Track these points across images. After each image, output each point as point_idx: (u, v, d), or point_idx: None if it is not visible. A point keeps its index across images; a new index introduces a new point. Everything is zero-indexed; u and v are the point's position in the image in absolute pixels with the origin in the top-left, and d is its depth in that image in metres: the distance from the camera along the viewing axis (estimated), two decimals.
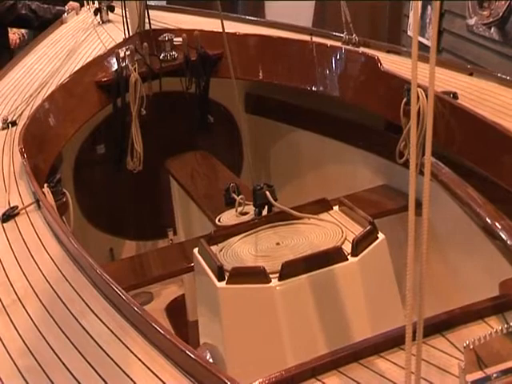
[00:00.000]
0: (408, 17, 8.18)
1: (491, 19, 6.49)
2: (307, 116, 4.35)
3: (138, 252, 4.28)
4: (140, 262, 3.63)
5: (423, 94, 2.93)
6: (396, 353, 1.87)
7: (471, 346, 1.74)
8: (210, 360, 2.53)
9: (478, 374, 1.73)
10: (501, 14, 6.33)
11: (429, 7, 7.41)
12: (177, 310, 3.16)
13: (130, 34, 4.41)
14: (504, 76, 3.76)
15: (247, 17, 5.50)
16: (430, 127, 1.43)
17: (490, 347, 1.78)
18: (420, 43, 1.45)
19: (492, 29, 6.50)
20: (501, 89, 3.61)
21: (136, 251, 4.28)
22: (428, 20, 7.10)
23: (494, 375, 1.73)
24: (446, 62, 4.53)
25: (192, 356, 1.87)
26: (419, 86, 1.44)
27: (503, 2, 6.29)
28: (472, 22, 6.82)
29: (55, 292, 2.32)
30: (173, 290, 3.19)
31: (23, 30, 6.97)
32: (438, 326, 1.95)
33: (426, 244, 1.39)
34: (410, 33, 7.75)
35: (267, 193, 3.08)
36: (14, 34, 6.90)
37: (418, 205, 1.38)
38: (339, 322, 2.63)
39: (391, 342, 1.88)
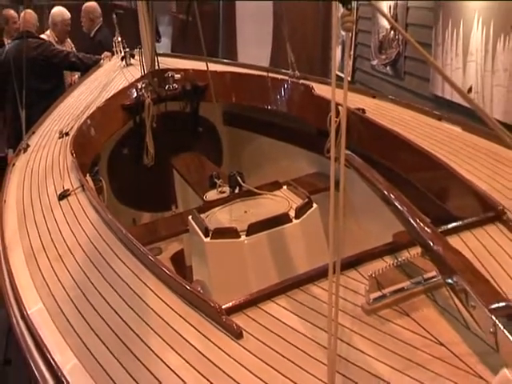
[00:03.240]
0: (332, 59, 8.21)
1: (387, 61, 6.55)
2: (266, 126, 4.34)
3: (152, 220, 4.25)
4: (153, 226, 3.61)
5: (341, 110, 2.93)
6: (324, 282, 1.87)
7: (373, 275, 1.77)
8: (201, 291, 2.53)
9: (378, 294, 1.76)
10: (393, 58, 6.40)
11: (345, 54, 7.46)
12: (178, 259, 3.14)
13: (145, 73, 4.36)
14: (396, 98, 3.79)
15: (225, 60, 5.48)
16: (343, 132, 1.44)
17: (386, 275, 1.80)
18: (339, 77, 1.47)
19: (388, 67, 6.53)
20: (394, 106, 3.62)
21: (150, 220, 4.24)
22: (345, 62, 7.11)
23: (388, 294, 1.77)
24: (357, 89, 4.57)
25: (188, 288, 1.88)
26: (339, 104, 1.44)
27: (394, 50, 6.35)
28: (375, 62, 6.86)
29: (94, 246, 2.31)
30: (175, 245, 3.17)
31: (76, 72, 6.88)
32: (352, 263, 1.95)
33: (342, 210, 1.38)
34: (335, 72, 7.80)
35: (238, 178, 3.09)
36: (72, 75, 6.79)
37: (338, 184, 1.38)
38: (288, 263, 2.63)
39: (321, 274, 1.88)
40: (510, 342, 1.40)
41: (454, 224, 2.15)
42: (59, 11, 6.44)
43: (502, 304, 1.48)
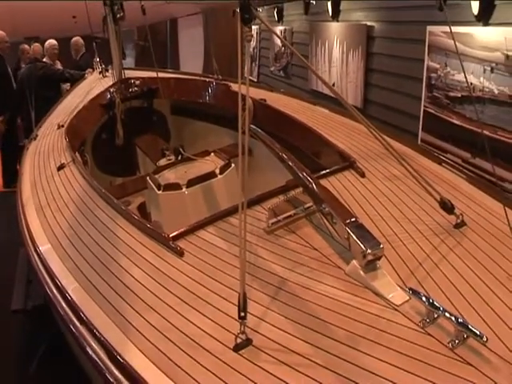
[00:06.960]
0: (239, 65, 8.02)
1: (280, 67, 6.47)
2: (199, 114, 4.15)
3: (122, 182, 4.03)
4: (124, 186, 3.42)
5: (249, 100, 2.83)
6: (238, 214, 1.82)
7: (271, 208, 1.75)
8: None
9: (274, 219, 1.74)
10: (284, 65, 6.32)
11: (253, 64, 7.32)
12: (141, 207, 2.98)
13: (116, 81, 4.12)
14: (285, 91, 3.72)
15: (170, 70, 5.25)
16: (247, 114, 1.39)
17: (280, 207, 1.79)
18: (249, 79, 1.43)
19: (281, 71, 6.46)
20: (285, 97, 3.56)
21: (121, 182, 4.04)
22: (246, 66, 6.92)
23: (281, 219, 1.75)
24: (260, 86, 4.48)
25: (148, 226, 1.82)
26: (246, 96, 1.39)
27: (284, 60, 6.29)
28: (272, 68, 6.75)
29: (83, 201, 2.19)
30: (139, 198, 2.99)
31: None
32: (257, 200, 1.92)
33: (246, 166, 1.33)
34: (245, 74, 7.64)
35: (180, 149, 3.01)
36: (67, 85, 6.40)
37: (249, 150, 1.33)
38: (215, 205, 2.56)
39: (236, 209, 1.79)
40: (357, 243, 1.42)
41: (323, 171, 2.15)
42: (47, 42, 6.18)
43: (352, 219, 1.51)
